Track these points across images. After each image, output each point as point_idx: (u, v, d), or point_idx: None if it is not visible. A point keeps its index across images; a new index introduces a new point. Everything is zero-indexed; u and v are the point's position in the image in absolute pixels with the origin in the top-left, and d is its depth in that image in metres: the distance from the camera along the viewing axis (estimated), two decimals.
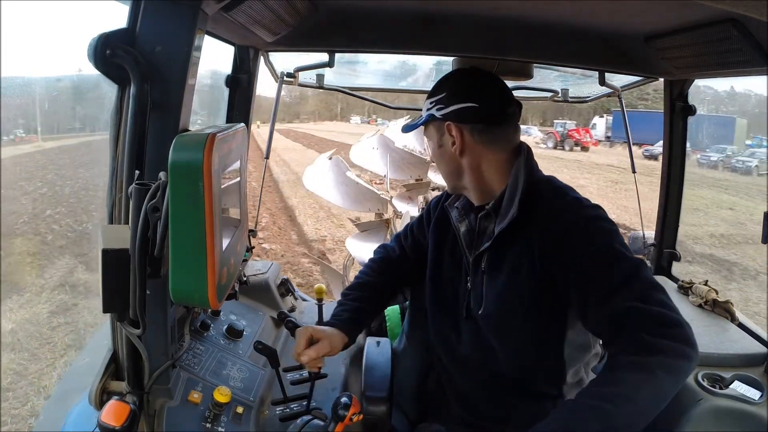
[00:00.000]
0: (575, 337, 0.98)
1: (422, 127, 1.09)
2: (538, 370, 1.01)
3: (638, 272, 0.87)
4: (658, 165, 1.47)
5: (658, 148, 20.79)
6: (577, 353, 1.00)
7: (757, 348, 1.31)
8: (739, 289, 5.94)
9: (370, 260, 1.28)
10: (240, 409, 1.02)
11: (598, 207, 0.96)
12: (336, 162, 3.34)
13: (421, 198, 3.56)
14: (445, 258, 1.11)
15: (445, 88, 1.02)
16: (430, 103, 1.03)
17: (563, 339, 0.97)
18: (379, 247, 1.32)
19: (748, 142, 22.70)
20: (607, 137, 27.11)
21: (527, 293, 0.94)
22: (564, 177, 1.06)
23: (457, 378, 1.08)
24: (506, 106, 1.01)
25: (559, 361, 0.99)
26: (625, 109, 1.83)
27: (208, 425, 0.95)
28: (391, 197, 3.49)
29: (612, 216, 0.99)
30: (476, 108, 0.98)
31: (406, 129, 1.23)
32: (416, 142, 3.54)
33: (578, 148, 24.95)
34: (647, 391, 0.77)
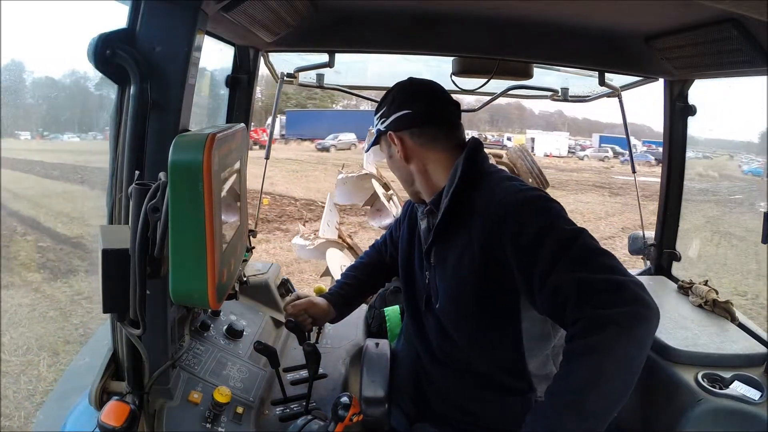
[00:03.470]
0: (532, 327, 0.99)
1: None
2: (499, 361, 1.02)
3: (576, 240, 0.85)
4: (329, 155, 1.57)
5: (328, 141, 23.72)
6: (538, 345, 1.01)
7: (757, 348, 1.31)
8: None
9: (365, 252, 1.44)
10: (240, 409, 1.02)
11: (536, 189, 0.97)
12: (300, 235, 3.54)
13: (391, 203, 3.59)
14: (414, 254, 1.16)
15: (385, 103, 1.08)
16: (376, 118, 1.10)
17: (519, 329, 0.98)
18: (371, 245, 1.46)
19: None
20: (282, 135, 28.04)
21: (473, 284, 0.96)
22: (248, 172, 1.12)
23: (432, 371, 1.11)
24: (439, 108, 1.06)
25: (518, 352, 1.00)
26: (289, 109, 1.78)
27: (208, 425, 0.95)
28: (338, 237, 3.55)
29: (300, 194, 1.04)
30: (410, 114, 1.04)
31: (367, 149, 1.35)
32: (368, 159, 3.65)
33: (257, 146, 25.64)
34: (611, 368, 0.76)
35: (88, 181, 9.50)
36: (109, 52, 0.76)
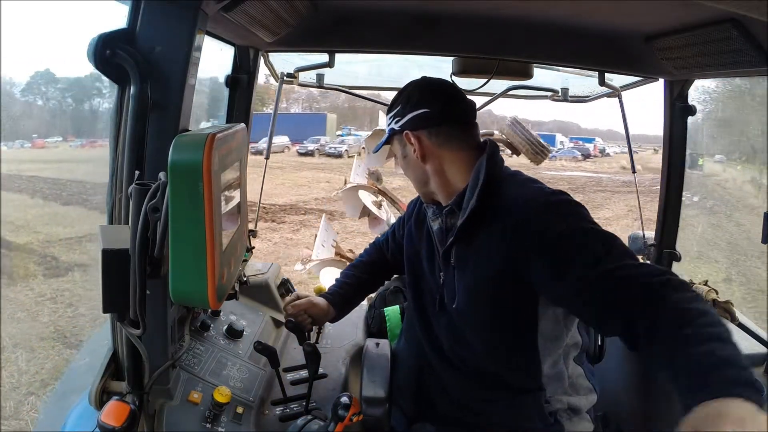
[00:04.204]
0: (547, 327, 0.99)
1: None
2: (514, 363, 1.02)
3: (615, 244, 0.85)
4: (262, 158, 1.63)
5: (261, 144, 25.35)
6: (551, 344, 1.01)
7: (757, 348, 1.31)
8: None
9: (365, 250, 1.43)
10: (240, 409, 1.02)
11: (561, 192, 0.97)
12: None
13: (381, 209, 3.64)
14: (421, 254, 1.15)
15: (399, 102, 1.07)
16: (389, 118, 1.08)
17: (535, 330, 0.99)
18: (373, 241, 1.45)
19: (338, 132, 31.58)
20: None
21: (495, 285, 0.96)
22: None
23: (440, 372, 1.10)
24: (456, 107, 1.05)
25: (533, 353, 1.00)
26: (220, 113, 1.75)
27: (208, 425, 0.95)
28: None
29: None
30: (428, 112, 1.03)
31: (376, 149, 1.30)
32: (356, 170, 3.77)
33: None
34: (711, 319, 0.71)
35: (26, 190, 9.87)
36: (109, 52, 0.76)
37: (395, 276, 1.58)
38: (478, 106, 2.01)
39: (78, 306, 5.09)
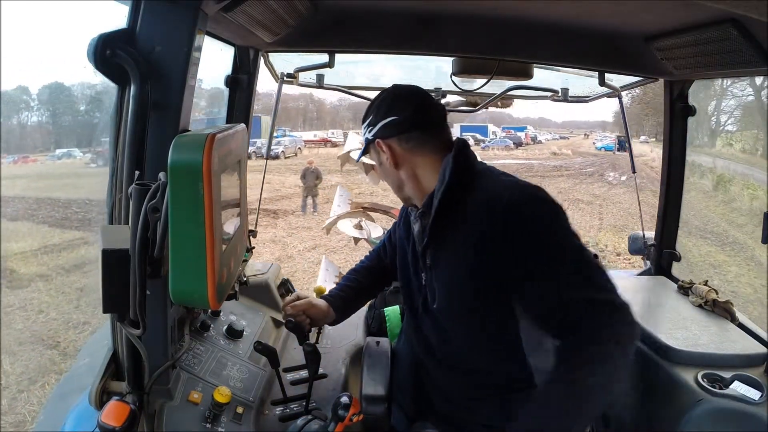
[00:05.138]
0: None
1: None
2: (499, 360, 1.03)
3: (583, 256, 0.90)
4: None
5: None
6: (535, 336, 1.00)
7: (757, 348, 1.31)
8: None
9: (366, 256, 1.42)
10: (240, 409, 1.02)
11: (536, 187, 0.96)
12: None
13: (363, 231, 3.70)
14: (408, 257, 1.16)
15: (371, 111, 1.08)
16: (364, 128, 1.10)
17: (517, 327, 0.99)
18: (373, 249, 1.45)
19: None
20: None
21: (470, 282, 0.96)
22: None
23: (434, 372, 1.11)
24: (425, 112, 1.06)
25: (517, 350, 1.00)
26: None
27: (208, 425, 0.95)
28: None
29: None
30: (396, 119, 1.04)
31: (357, 158, 1.34)
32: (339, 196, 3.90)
33: None
34: (605, 377, 0.84)
35: None
36: (109, 53, 0.76)
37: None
38: (478, 107, 2.02)
39: (48, 312, 5.25)
